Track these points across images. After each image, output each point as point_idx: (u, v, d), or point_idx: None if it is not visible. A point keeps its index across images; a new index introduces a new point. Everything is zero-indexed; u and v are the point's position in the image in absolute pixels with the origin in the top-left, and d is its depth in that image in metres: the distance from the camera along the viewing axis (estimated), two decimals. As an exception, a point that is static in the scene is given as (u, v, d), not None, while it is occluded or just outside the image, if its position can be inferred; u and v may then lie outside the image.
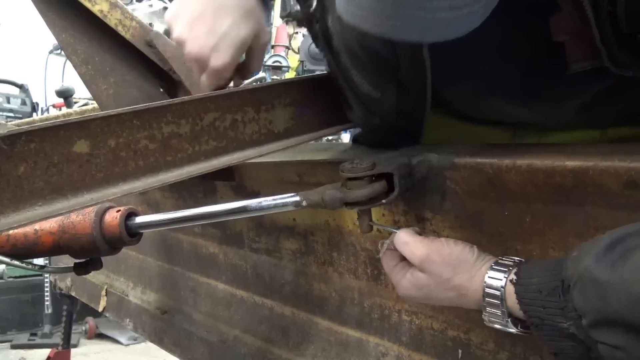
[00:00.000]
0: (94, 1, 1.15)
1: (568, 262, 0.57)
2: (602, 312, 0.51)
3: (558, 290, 0.57)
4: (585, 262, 0.54)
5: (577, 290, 0.54)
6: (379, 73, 0.79)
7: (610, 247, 0.53)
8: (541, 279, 0.59)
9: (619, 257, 0.51)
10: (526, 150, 0.76)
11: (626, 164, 0.62)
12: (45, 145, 0.66)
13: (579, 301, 0.54)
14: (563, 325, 0.56)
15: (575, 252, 0.58)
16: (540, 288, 0.58)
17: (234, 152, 0.86)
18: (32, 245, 0.97)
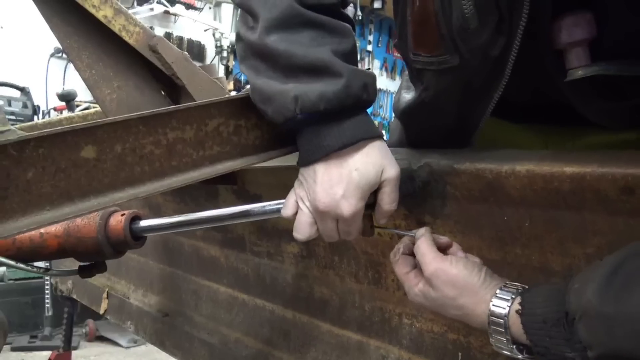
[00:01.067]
0: (98, 7, 1.17)
1: (571, 294, 0.58)
2: (609, 347, 0.52)
3: (562, 321, 0.58)
4: (588, 294, 0.55)
5: (582, 324, 0.55)
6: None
7: (611, 276, 0.54)
8: (545, 310, 0.60)
9: (621, 287, 0.52)
10: (525, 156, 0.77)
11: (623, 170, 0.64)
12: (53, 151, 0.68)
13: (584, 334, 0.55)
14: (569, 355, 0.57)
15: (576, 284, 0.58)
16: (545, 319, 0.60)
17: (238, 157, 0.87)
18: (38, 248, 0.98)
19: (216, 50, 5.58)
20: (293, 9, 0.77)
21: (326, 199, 0.76)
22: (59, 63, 4.50)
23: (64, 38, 1.20)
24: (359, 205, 0.77)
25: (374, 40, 6.94)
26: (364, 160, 0.77)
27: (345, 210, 0.76)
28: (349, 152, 0.77)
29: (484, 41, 0.75)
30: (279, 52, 0.76)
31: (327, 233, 0.81)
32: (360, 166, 0.76)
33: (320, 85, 0.75)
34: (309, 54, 0.76)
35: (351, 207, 0.76)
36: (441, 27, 0.77)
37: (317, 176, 0.78)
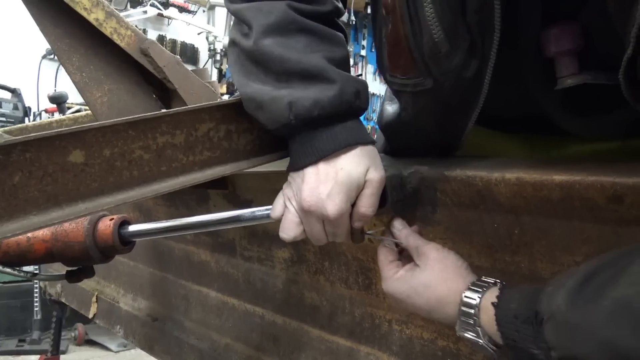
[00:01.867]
0: (90, 10, 1.16)
1: (543, 295, 0.61)
2: (571, 351, 0.56)
3: (532, 319, 0.61)
4: (558, 299, 0.58)
5: (549, 326, 0.58)
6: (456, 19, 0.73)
7: (582, 286, 0.57)
8: (519, 306, 0.63)
9: (589, 298, 0.55)
10: (515, 164, 0.78)
11: (611, 179, 0.64)
12: (40, 155, 0.67)
13: (550, 336, 0.58)
14: (534, 351, 0.61)
15: (550, 287, 0.61)
16: (517, 314, 0.63)
17: (228, 162, 0.87)
18: (25, 252, 0.97)
19: (209, 53, 5.57)
20: (288, 16, 0.78)
21: (311, 198, 0.77)
22: (50, 65, 4.47)
23: (54, 41, 1.19)
24: (343, 205, 0.77)
25: (367, 45, 6.96)
26: (350, 160, 0.78)
27: (329, 210, 0.76)
28: (338, 155, 0.78)
29: (457, 64, 0.76)
30: (274, 56, 0.77)
31: (313, 234, 0.81)
32: (346, 165, 0.77)
33: (314, 92, 0.75)
34: (303, 59, 0.76)
35: (335, 206, 0.76)
36: (413, 51, 0.78)
37: (305, 177, 0.78)
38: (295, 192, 0.81)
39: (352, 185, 0.77)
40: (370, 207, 0.79)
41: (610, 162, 0.70)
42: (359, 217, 0.80)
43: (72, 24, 1.18)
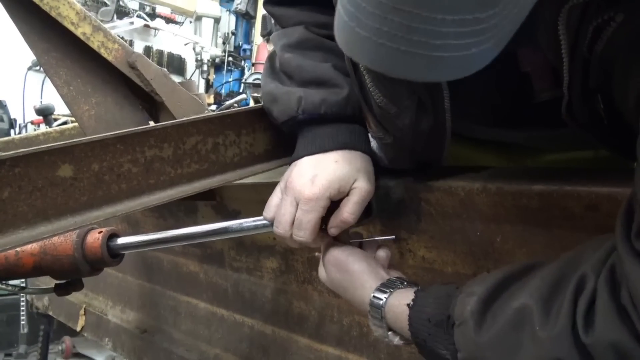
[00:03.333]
0: (77, 24, 1.17)
1: (457, 302, 0.64)
2: (475, 355, 0.61)
3: (445, 323, 0.65)
4: (469, 307, 0.62)
5: (459, 330, 0.63)
6: (394, 86, 0.76)
7: (492, 293, 0.62)
8: (433, 310, 0.67)
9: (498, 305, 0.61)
10: (496, 174, 0.80)
11: (587, 188, 0.66)
12: (29, 170, 0.68)
13: (458, 339, 0.63)
14: (442, 352, 0.65)
15: (463, 293, 0.65)
16: (430, 317, 0.67)
17: (216, 174, 0.88)
18: (13, 267, 0.97)
19: (196, 64, 5.58)
20: (307, 35, 0.89)
21: (294, 177, 0.81)
22: (36, 76, 4.44)
23: (41, 54, 1.19)
24: (322, 192, 0.78)
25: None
26: (344, 159, 0.81)
27: (307, 190, 0.78)
28: (336, 152, 0.82)
29: (409, 122, 0.78)
30: (293, 66, 0.87)
31: (280, 214, 0.81)
32: (340, 161, 0.81)
33: (324, 93, 0.83)
34: (317, 68, 0.85)
35: (314, 188, 0.77)
36: (368, 112, 0.82)
37: (299, 164, 0.83)
38: (286, 177, 0.84)
39: (338, 181, 0.79)
40: (353, 215, 0.79)
41: (586, 171, 0.72)
42: (339, 222, 0.80)
43: (59, 37, 1.19)
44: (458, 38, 0.43)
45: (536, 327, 0.55)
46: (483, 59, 0.47)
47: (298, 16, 0.93)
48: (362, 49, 0.47)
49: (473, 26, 0.43)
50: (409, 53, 0.44)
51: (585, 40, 0.59)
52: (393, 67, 0.47)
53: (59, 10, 1.14)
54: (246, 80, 4.22)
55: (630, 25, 0.55)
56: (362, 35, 0.45)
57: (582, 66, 0.62)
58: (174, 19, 5.53)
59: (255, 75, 4.17)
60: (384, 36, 0.44)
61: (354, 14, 0.45)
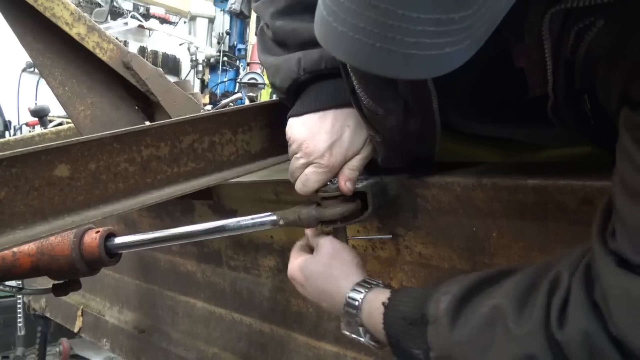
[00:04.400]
0: (72, 24, 1.17)
1: (431, 300, 0.65)
2: (448, 353, 0.62)
3: (419, 321, 0.65)
4: (444, 304, 0.63)
5: (432, 328, 0.64)
6: (380, 88, 0.78)
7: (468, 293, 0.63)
8: (407, 309, 0.67)
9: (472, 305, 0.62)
10: (491, 169, 0.80)
11: (582, 182, 0.67)
12: (26, 170, 0.68)
13: (431, 337, 0.63)
14: (414, 351, 0.66)
15: (438, 292, 0.66)
16: (405, 316, 0.67)
17: (213, 173, 0.88)
18: (10, 267, 0.97)
19: (191, 64, 5.57)
20: (294, 2, 0.87)
21: (310, 142, 0.81)
22: (30, 77, 4.43)
23: (36, 55, 1.19)
24: (340, 163, 0.82)
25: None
26: (356, 121, 0.82)
27: (325, 160, 0.80)
28: (346, 110, 0.82)
29: (397, 123, 0.79)
30: (287, 31, 0.87)
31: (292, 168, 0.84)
32: (352, 124, 0.82)
33: (322, 50, 0.82)
34: (311, 29, 0.82)
35: (332, 160, 0.81)
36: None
37: (309, 121, 0.82)
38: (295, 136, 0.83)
39: (353, 150, 0.83)
40: (356, 171, 0.83)
41: (581, 165, 0.72)
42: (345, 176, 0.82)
43: (54, 38, 1.19)
44: (432, 37, 0.44)
45: (509, 324, 0.56)
46: (457, 59, 0.48)
47: None
48: (339, 44, 0.48)
49: (447, 26, 0.43)
50: (383, 49, 0.45)
51: (568, 44, 0.60)
52: (368, 62, 0.48)
53: (53, 11, 1.14)
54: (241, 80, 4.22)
55: (610, 31, 0.57)
56: (339, 30, 0.46)
57: (566, 68, 0.63)
58: (168, 19, 5.52)
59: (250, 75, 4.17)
60: (360, 32, 0.45)
61: (332, 9, 0.46)
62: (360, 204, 0.85)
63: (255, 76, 4.18)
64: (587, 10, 0.57)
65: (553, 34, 0.61)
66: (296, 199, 1.02)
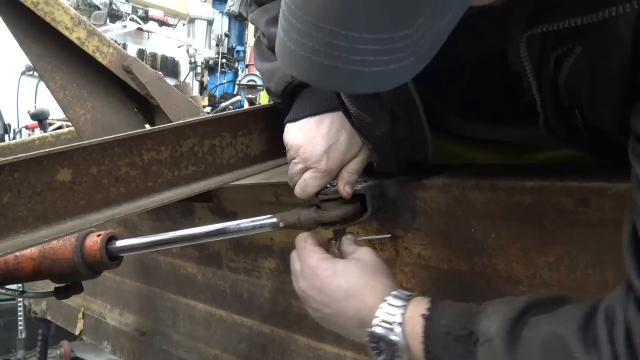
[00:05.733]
0: (72, 29, 1.18)
1: (482, 317, 0.63)
2: None
3: (466, 339, 0.62)
4: (496, 324, 0.60)
5: (485, 348, 0.61)
6: (365, 98, 0.79)
7: (521, 315, 0.60)
8: (452, 322, 0.64)
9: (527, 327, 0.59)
10: (489, 170, 0.81)
11: (578, 183, 0.68)
12: (29, 175, 0.68)
13: (483, 358, 0.60)
14: None
15: (490, 309, 0.63)
16: (450, 331, 0.64)
17: (213, 176, 0.89)
18: (13, 271, 0.97)
19: (190, 66, 5.58)
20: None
21: (307, 147, 0.81)
22: (30, 81, 4.44)
23: (37, 60, 1.20)
24: (337, 167, 0.82)
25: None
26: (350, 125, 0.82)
27: (322, 165, 0.81)
28: (340, 114, 0.82)
29: (386, 130, 0.80)
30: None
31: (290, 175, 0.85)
32: (349, 128, 0.82)
33: None
34: None
35: (329, 164, 0.81)
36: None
37: (305, 126, 0.83)
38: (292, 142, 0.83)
39: (350, 154, 0.83)
40: (355, 175, 0.84)
41: (577, 167, 0.73)
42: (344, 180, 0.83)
43: (54, 42, 1.19)
44: (376, 55, 0.46)
45: (575, 355, 0.54)
46: (404, 75, 0.50)
47: None
48: (293, 62, 0.50)
49: (388, 45, 0.45)
50: (330, 67, 0.47)
51: (550, 68, 0.62)
52: (318, 79, 0.51)
53: (53, 16, 1.15)
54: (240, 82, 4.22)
55: (588, 56, 0.59)
56: (292, 49, 0.49)
57: (552, 87, 0.64)
58: (167, 21, 5.53)
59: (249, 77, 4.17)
60: (309, 50, 0.47)
61: (286, 29, 0.49)
62: (359, 206, 0.85)
63: (254, 78, 4.19)
64: (563, 34, 0.59)
65: (533, 57, 0.63)
66: (296, 201, 1.03)
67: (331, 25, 0.45)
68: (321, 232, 1.07)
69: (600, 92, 0.60)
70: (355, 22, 0.44)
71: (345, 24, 0.45)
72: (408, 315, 0.67)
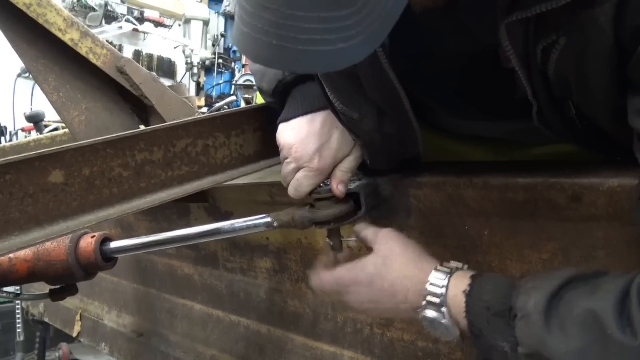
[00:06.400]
0: (65, 30, 1.17)
1: (519, 292, 0.62)
2: (539, 351, 0.59)
3: (505, 314, 0.63)
4: (534, 300, 0.60)
5: (522, 323, 0.61)
6: (350, 93, 0.79)
7: (559, 289, 0.60)
8: (492, 298, 0.64)
9: (565, 303, 0.59)
10: (482, 168, 0.81)
11: (571, 179, 0.68)
12: (20, 177, 0.68)
13: (521, 333, 0.61)
14: (499, 343, 0.63)
15: (527, 285, 0.63)
16: (490, 306, 0.64)
17: (206, 176, 0.89)
18: (7, 273, 0.97)
19: (186, 67, 5.58)
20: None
21: (299, 147, 0.81)
22: (25, 83, 4.43)
23: (30, 61, 1.19)
24: (329, 166, 0.82)
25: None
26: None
27: (314, 164, 0.81)
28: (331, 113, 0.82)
29: (373, 126, 0.80)
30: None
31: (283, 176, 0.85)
32: (341, 126, 0.82)
33: None
34: None
35: (321, 162, 0.81)
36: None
37: (297, 125, 0.83)
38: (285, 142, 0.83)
39: (342, 153, 0.83)
40: (349, 173, 0.84)
41: (569, 163, 0.73)
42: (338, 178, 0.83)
43: (48, 44, 1.19)
44: (321, 33, 0.47)
45: (607, 332, 0.54)
46: (355, 54, 0.50)
47: None
48: (246, 45, 0.51)
49: (333, 23, 0.46)
50: (279, 47, 0.49)
51: (537, 59, 0.62)
52: (268, 59, 0.52)
53: (46, 17, 1.15)
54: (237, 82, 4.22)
55: (573, 48, 0.59)
56: (244, 31, 0.50)
57: (543, 77, 0.64)
58: (163, 22, 5.52)
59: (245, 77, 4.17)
60: (259, 32, 0.49)
61: (239, 13, 0.50)
62: (353, 205, 0.85)
63: (250, 78, 4.19)
64: (544, 25, 0.59)
65: (516, 46, 0.63)
66: (291, 200, 1.03)
67: (277, 5, 0.46)
68: (315, 231, 1.07)
69: (589, 82, 0.60)
70: (298, 0, 0.46)
71: (290, 3, 0.46)
72: (451, 293, 0.68)
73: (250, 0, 0.48)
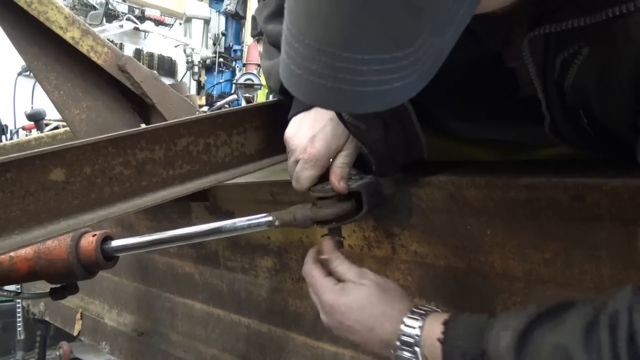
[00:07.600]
0: (65, 28, 1.17)
1: (490, 335, 0.63)
2: None
3: (480, 359, 0.64)
4: (505, 341, 0.61)
5: None
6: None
7: (528, 328, 0.61)
8: (465, 344, 0.66)
9: (534, 341, 0.60)
10: (484, 167, 0.81)
11: (573, 179, 0.67)
12: (21, 175, 0.68)
13: None
14: None
15: (496, 327, 0.64)
16: (465, 353, 0.65)
17: (208, 175, 0.88)
18: (8, 272, 0.97)
19: (187, 66, 5.57)
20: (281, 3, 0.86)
21: (295, 138, 0.84)
22: (26, 81, 4.43)
23: (31, 59, 1.19)
24: (322, 154, 0.83)
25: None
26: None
27: (306, 151, 0.82)
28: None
29: (379, 137, 0.81)
30: (276, 34, 0.91)
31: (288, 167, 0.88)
32: (336, 118, 0.83)
33: None
34: None
35: (312, 150, 0.82)
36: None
37: (297, 120, 0.87)
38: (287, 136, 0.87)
39: (335, 140, 0.83)
40: (346, 168, 0.84)
41: (572, 163, 0.73)
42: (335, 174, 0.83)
43: (48, 42, 1.19)
44: (379, 75, 0.47)
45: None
46: (408, 91, 0.50)
47: None
48: (298, 85, 0.51)
49: (391, 64, 0.46)
50: (335, 89, 0.48)
51: (555, 72, 0.62)
52: (324, 100, 0.51)
53: (47, 15, 1.15)
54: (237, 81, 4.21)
55: (597, 58, 0.58)
56: (296, 73, 0.50)
57: (557, 89, 0.64)
58: (164, 21, 5.52)
59: (246, 76, 4.16)
60: (313, 74, 0.48)
61: (289, 53, 0.50)
62: (355, 204, 0.85)
63: (251, 77, 4.18)
64: (567, 36, 0.58)
65: (536, 59, 0.63)
66: (293, 199, 1.03)
67: (334, 48, 0.46)
68: (317, 231, 1.07)
69: (611, 93, 0.59)
70: (356, 44, 0.45)
71: (347, 46, 0.45)
72: (426, 338, 0.69)
73: (303, 42, 0.47)
